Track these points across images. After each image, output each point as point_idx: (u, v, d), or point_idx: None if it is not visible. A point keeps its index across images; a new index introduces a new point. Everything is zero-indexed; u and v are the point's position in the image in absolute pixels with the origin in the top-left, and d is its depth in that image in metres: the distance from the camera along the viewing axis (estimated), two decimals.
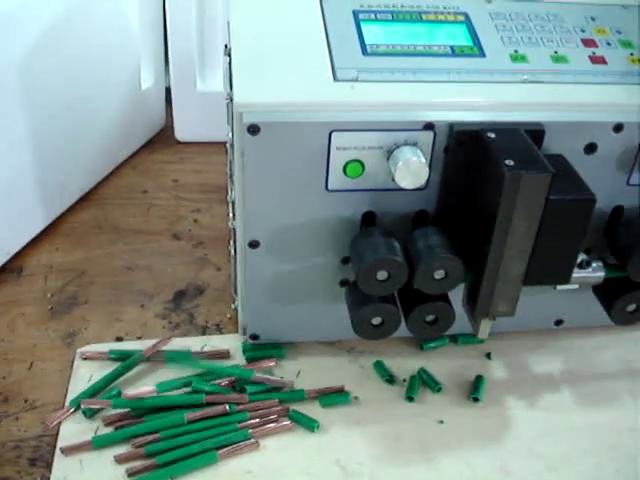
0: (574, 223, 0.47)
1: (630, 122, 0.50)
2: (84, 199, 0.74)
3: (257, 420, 0.52)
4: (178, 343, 0.58)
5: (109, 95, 0.75)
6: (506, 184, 0.44)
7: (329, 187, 0.50)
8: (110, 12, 0.72)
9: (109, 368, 0.56)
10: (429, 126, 0.48)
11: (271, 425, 0.52)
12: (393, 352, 0.58)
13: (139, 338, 0.59)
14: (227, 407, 0.52)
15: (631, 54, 0.55)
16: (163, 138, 0.84)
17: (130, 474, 0.49)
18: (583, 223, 0.47)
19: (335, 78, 0.49)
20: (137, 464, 0.49)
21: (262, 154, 0.48)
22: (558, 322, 0.61)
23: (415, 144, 0.48)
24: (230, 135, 0.52)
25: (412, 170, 0.47)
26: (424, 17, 0.55)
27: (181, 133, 0.84)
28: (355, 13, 0.55)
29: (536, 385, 0.56)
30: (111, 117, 0.75)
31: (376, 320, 0.51)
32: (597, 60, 0.54)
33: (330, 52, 0.51)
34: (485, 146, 0.47)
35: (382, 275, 0.48)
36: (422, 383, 0.56)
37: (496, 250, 0.47)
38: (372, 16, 0.55)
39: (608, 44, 0.56)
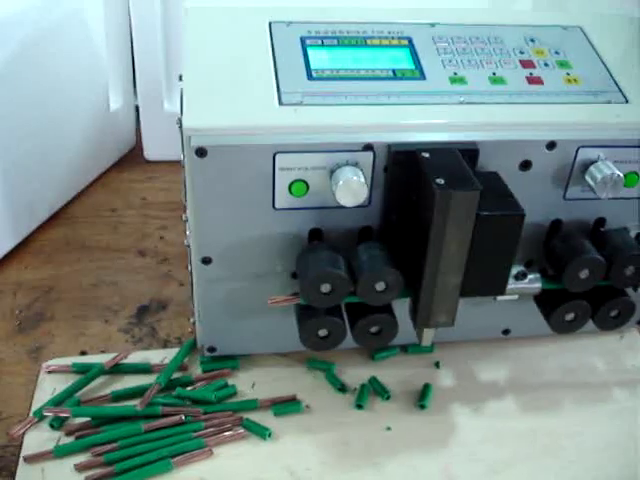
0: (505, 237, 0.49)
1: (563, 140, 0.53)
2: (54, 218, 0.77)
3: (211, 429, 0.54)
4: (139, 356, 0.61)
5: (78, 116, 0.77)
6: (437, 202, 0.47)
7: (276, 206, 0.52)
8: (78, 35, 0.75)
9: (72, 381, 0.58)
10: (368, 147, 0.51)
11: (225, 434, 0.54)
12: (346, 362, 0.60)
13: (102, 352, 0.62)
14: (182, 417, 0.54)
15: (567, 74, 0.58)
16: (133, 157, 0.87)
17: None
18: (514, 237, 0.49)
19: (280, 102, 0.52)
20: (96, 472, 0.51)
21: (210, 175, 0.50)
22: (505, 331, 0.63)
23: (356, 164, 0.51)
24: (182, 156, 0.55)
25: (352, 189, 0.50)
26: (369, 42, 0.58)
27: (150, 152, 0.87)
28: (302, 39, 0.57)
29: (481, 392, 0.59)
30: (80, 137, 0.78)
31: (322, 332, 0.53)
32: (534, 80, 0.57)
33: (277, 77, 0.54)
34: (419, 165, 0.49)
35: (325, 288, 0.50)
36: (372, 391, 0.58)
37: (431, 264, 0.49)
38: (319, 42, 0.57)
39: (546, 65, 0.58)
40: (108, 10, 0.78)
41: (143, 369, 0.59)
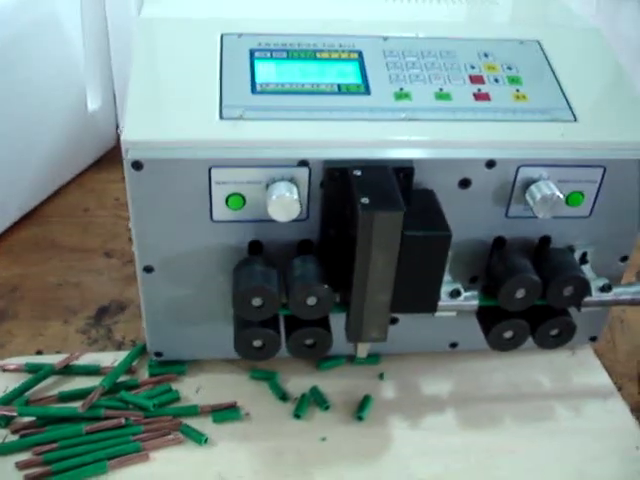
0: (432, 257, 0.50)
1: (502, 159, 0.53)
2: (26, 217, 0.79)
3: (150, 433, 0.56)
4: (91, 358, 0.62)
5: (53, 117, 0.79)
6: (360, 221, 0.47)
7: (214, 218, 0.53)
8: (53, 36, 0.76)
9: (25, 380, 0.60)
10: (303, 163, 0.51)
11: (162, 438, 0.55)
12: (291, 370, 0.61)
13: (58, 352, 0.63)
14: (123, 420, 0.56)
15: (517, 90, 0.58)
16: (112, 157, 0.88)
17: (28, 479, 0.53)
18: (441, 257, 0.50)
19: (221, 116, 0.53)
20: (35, 470, 0.53)
21: (147, 188, 0.51)
22: (453, 345, 0.64)
23: (291, 179, 0.52)
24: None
25: (284, 205, 0.51)
26: (318, 55, 0.58)
27: None
28: (252, 52, 0.58)
29: (421, 406, 0.59)
30: (56, 138, 0.80)
31: (257, 343, 0.54)
32: (481, 97, 0.57)
33: (221, 91, 0.54)
34: (350, 183, 0.50)
35: (257, 302, 0.51)
36: (312, 401, 0.59)
37: (359, 282, 0.50)
38: (267, 54, 0.58)
39: (496, 80, 0.58)
40: (84, 11, 0.79)
41: (93, 371, 0.60)
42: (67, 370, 0.61)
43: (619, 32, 0.84)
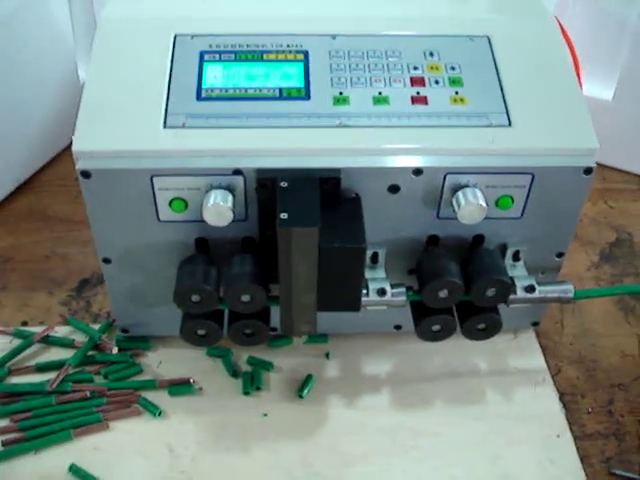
0: (349, 265, 0.53)
1: (429, 167, 0.55)
2: (22, 186, 0.84)
3: (111, 405, 0.62)
4: (68, 330, 0.69)
5: (45, 89, 0.83)
6: (279, 235, 0.51)
7: (160, 219, 0.58)
8: (42, 15, 0.80)
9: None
10: (238, 172, 0.55)
11: (122, 410, 0.62)
12: (244, 348, 0.66)
13: (41, 323, 0.70)
14: (88, 393, 0.63)
15: (456, 92, 0.59)
16: None
17: (4, 444, 0.60)
18: (357, 266, 0.53)
19: (165, 124, 0.56)
20: (11, 436, 0.61)
21: (96, 194, 0.56)
22: (397, 327, 0.68)
23: (228, 186, 0.55)
24: None
25: (218, 212, 0.54)
26: (265, 57, 0.61)
27: None
28: (202, 54, 0.61)
29: (360, 385, 0.64)
30: (48, 110, 0.84)
31: (201, 332, 0.59)
32: (418, 100, 0.59)
33: (168, 97, 0.58)
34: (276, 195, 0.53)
35: (196, 298, 0.56)
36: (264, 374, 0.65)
37: (284, 285, 0.54)
38: (216, 57, 0.61)
39: (436, 82, 0.60)
40: None
41: (67, 344, 0.67)
42: (46, 340, 0.68)
43: (603, 5, 0.82)
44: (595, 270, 0.77)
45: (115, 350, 0.65)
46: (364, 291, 0.57)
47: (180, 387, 0.64)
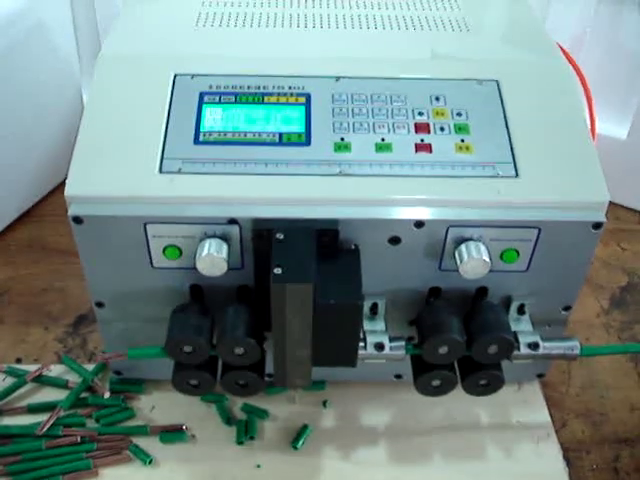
0: (345, 321, 0.52)
1: (431, 219, 0.54)
2: (25, 215, 0.84)
3: (102, 451, 0.61)
4: (63, 368, 0.67)
5: (50, 119, 0.83)
6: (272, 291, 0.49)
7: (154, 265, 0.56)
8: (45, 44, 0.79)
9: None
10: (233, 221, 0.53)
11: (112, 457, 0.61)
12: None
13: (36, 360, 0.69)
14: (79, 439, 0.61)
15: (462, 140, 0.57)
16: None
17: None
18: (354, 321, 0.52)
19: (160, 170, 0.55)
20: None
21: (89, 239, 0.55)
22: (397, 376, 0.66)
23: (223, 236, 0.54)
24: None
25: (212, 262, 0.53)
26: (266, 99, 0.59)
27: None
28: (201, 95, 0.59)
29: (358, 437, 0.62)
30: (52, 139, 0.83)
31: (193, 382, 0.58)
32: (422, 148, 0.57)
33: (165, 141, 0.56)
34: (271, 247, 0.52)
35: (188, 349, 0.55)
36: (258, 423, 0.63)
37: (278, 340, 0.52)
38: (216, 98, 0.59)
39: (442, 129, 0.58)
40: (76, 15, 0.81)
41: (61, 384, 0.66)
42: (39, 380, 0.66)
43: (619, 42, 0.80)
44: (605, 316, 0.75)
45: (107, 395, 0.64)
46: (362, 344, 0.56)
47: (172, 434, 0.62)
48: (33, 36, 0.77)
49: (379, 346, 0.56)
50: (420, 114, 0.59)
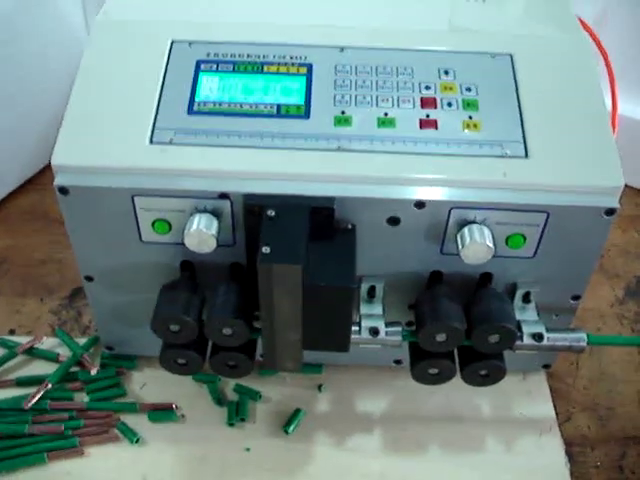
0: (336, 305, 0.49)
1: (432, 200, 0.51)
2: (28, 183, 0.82)
3: (88, 428, 0.59)
4: (55, 342, 0.66)
5: (50, 91, 0.80)
6: (259, 271, 0.47)
7: (143, 239, 0.54)
8: (50, 11, 0.77)
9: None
10: (224, 195, 0.51)
11: (98, 436, 0.59)
12: None
13: (29, 333, 0.68)
14: (62, 428, 0.59)
15: (469, 117, 0.54)
16: None
17: None
18: (345, 306, 0.49)
19: (151, 140, 0.53)
20: None
21: (75, 211, 0.53)
22: (397, 361, 0.63)
23: (213, 210, 0.52)
24: None
25: (201, 239, 0.51)
26: (265, 69, 0.56)
27: None
28: (198, 63, 0.57)
29: (352, 423, 0.60)
30: (55, 106, 0.81)
31: (181, 360, 0.56)
32: (427, 124, 0.54)
33: (157, 110, 0.54)
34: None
35: (174, 328, 0.53)
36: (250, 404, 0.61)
37: (266, 322, 0.50)
38: (213, 67, 0.56)
39: (449, 105, 0.55)
40: None
41: (51, 358, 0.65)
42: (30, 352, 0.65)
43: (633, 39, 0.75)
44: (619, 306, 0.72)
45: (94, 371, 0.62)
46: (356, 328, 0.54)
47: (162, 413, 0.61)
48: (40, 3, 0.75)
49: (374, 331, 0.53)
50: (427, 88, 0.55)
